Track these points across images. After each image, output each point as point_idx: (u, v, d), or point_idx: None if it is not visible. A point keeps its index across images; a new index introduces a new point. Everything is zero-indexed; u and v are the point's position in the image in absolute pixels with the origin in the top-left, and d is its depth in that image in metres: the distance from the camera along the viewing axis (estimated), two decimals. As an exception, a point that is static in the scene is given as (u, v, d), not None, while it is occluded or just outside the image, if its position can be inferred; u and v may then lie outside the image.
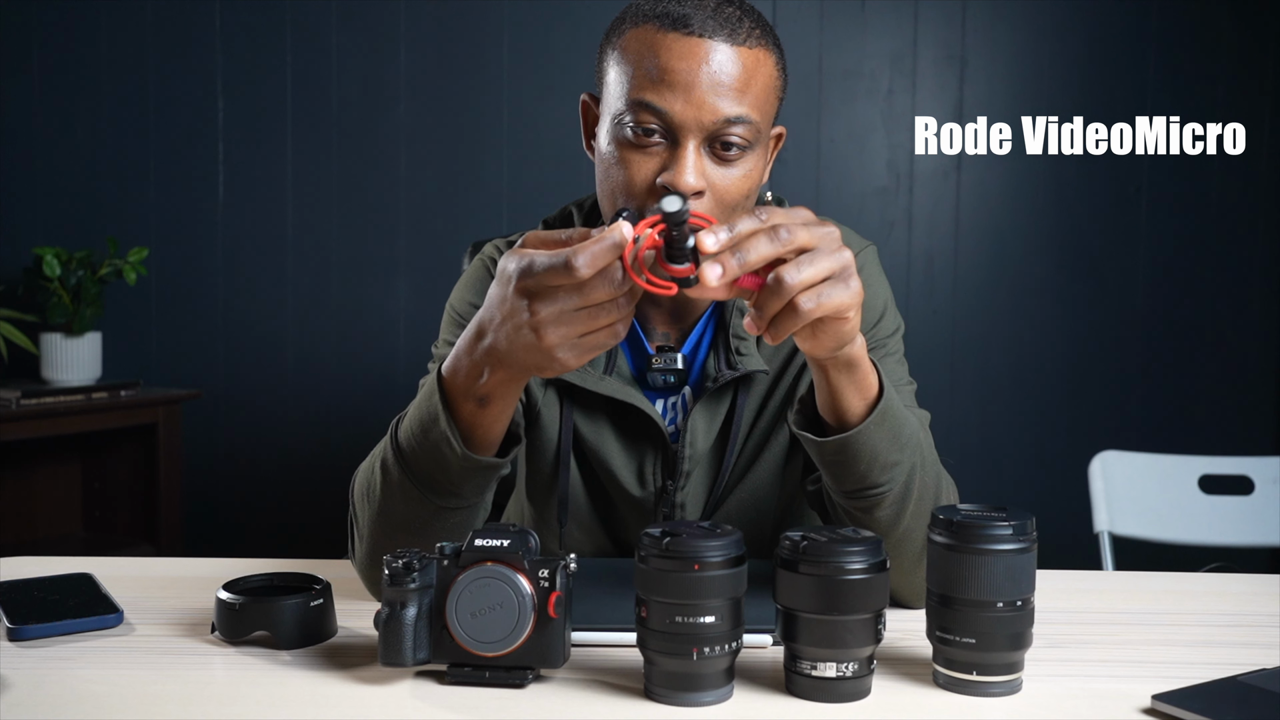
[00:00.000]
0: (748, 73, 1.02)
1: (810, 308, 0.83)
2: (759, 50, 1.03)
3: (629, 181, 1.04)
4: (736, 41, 1.01)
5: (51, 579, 1.07)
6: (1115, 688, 0.86)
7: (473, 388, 0.93)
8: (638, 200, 1.04)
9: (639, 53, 1.03)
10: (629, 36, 1.04)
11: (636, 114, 1.02)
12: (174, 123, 2.84)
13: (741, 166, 1.04)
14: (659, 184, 1.02)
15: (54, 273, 2.58)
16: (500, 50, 2.81)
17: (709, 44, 1.01)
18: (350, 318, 2.86)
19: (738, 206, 1.05)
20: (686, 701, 0.82)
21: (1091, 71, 2.80)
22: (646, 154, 1.03)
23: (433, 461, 0.96)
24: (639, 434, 1.18)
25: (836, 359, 0.92)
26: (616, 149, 1.05)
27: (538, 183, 2.80)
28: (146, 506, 2.69)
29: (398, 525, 1.01)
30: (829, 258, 0.84)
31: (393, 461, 0.99)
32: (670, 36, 1.01)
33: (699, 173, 1.02)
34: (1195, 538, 1.95)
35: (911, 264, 2.81)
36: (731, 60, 1.01)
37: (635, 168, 1.04)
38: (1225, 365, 2.84)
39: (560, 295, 0.84)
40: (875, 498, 0.97)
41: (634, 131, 1.03)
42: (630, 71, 1.03)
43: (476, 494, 0.99)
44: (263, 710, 0.82)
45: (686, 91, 1.00)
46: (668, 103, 1.01)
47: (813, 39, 2.80)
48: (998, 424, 2.84)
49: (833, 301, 0.84)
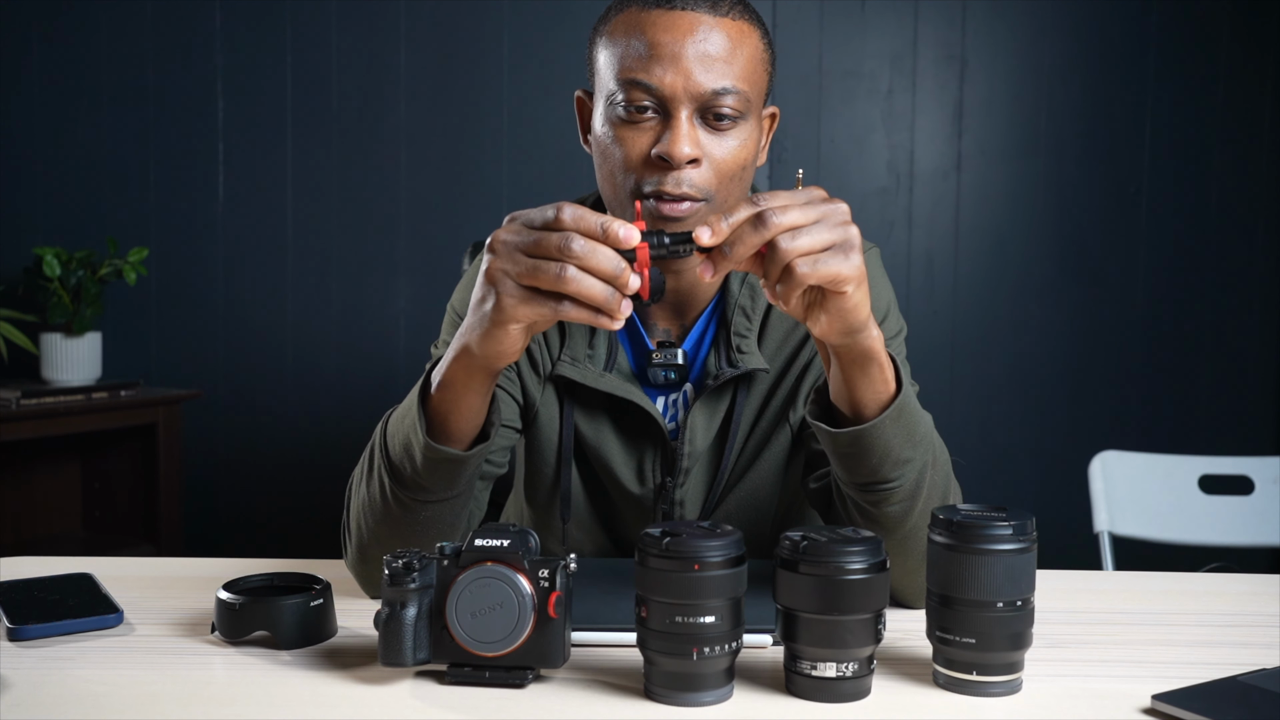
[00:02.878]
0: (733, 43, 1.04)
1: (805, 272, 0.84)
2: (742, 22, 1.05)
3: (625, 157, 1.06)
4: (719, 13, 1.04)
5: (51, 579, 1.07)
6: (1115, 688, 0.86)
7: (442, 373, 0.96)
8: (636, 175, 1.06)
9: (625, 34, 1.05)
10: (615, 22, 1.07)
11: (628, 92, 1.04)
12: (174, 123, 2.84)
13: (736, 136, 1.06)
14: (654, 155, 1.04)
15: (54, 273, 2.58)
16: (500, 50, 2.81)
17: (692, 15, 1.03)
18: (350, 318, 2.86)
19: (735, 177, 1.06)
20: (686, 701, 0.82)
21: (1091, 71, 2.80)
22: (640, 129, 1.05)
23: (403, 449, 0.98)
24: (638, 431, 1.18)
25: (850, 349, 0.92)
26: (611, 129, 1.07)
27: (538, 183, 2.80)
28: (146, 506, 2.69)
29: (378, 517, 1.02)
30: (830, 229, 0.85)
31: (378, 449, 1.02)
32: (654, 14, 1.04)
33: (693, 141, 1.03)
34: (1195, 538, 1.95)
35: (911, 264, 2.81)
36: (716, 31, 1.03)
37: (630, 144, 1.05)
38: (1225, 365, 2.84)
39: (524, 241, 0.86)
40: (885, 492, 0.97)
41: (626, 109, 1.05)
42: (619, 53, 1.05)
43: (443, 488, 1.00)
44: (263, 710, 0.82)
45: (674, 63, 1.02)
46: (656, 77, 1.03)
47: (813, 39, 2.80)
48: (998, 424, 2.85)
49: (829, 269, 0.85)
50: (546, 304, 0.86)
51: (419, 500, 1.00)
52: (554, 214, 0.85)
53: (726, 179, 1.06)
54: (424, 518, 1.01)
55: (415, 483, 0.99)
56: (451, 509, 1.03)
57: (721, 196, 1.06)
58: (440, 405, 0.97)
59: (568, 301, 0.85)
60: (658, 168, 1.04)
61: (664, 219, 1.04)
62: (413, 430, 0.97)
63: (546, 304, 0.86)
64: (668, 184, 1.03)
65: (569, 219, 0.84)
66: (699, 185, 1.04)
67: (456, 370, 0.95)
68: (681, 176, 1.03)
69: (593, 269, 0.84)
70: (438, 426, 0.98)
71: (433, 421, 0.98)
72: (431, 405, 0.97)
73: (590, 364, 1.16)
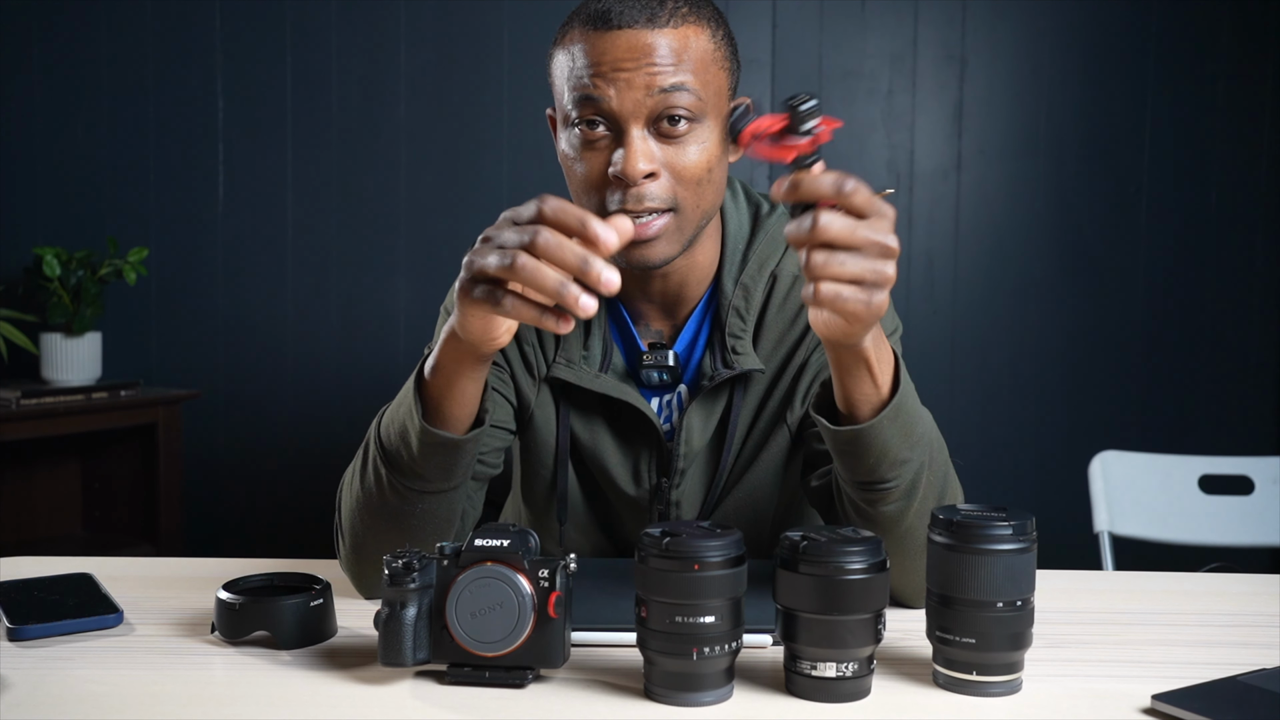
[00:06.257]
0: (676, 50, 1.04)
1: (829, 296, 0.84)
2: (686, 27, 1.05)
3: (586, 177, 1.07)
4: (658, 25, 1.04)
5: (51, 579, 1.07)
6: (1115, 688, 0.86)
7: (435, 358, 0.97)
8: (598, 194, 1.06)
9: (571, 57, 1.06)
10: (562, 45, 1.08)
11: (579, 110, 1.05)
12: (174, 123, 2.84)
13: (694, 141, 1.06)
14: (610, 174, 1.05)
15: (54, 273, 2.58)
16: (500, 50, 2.82)
17: (629, 33, 1.03)
18: (350, 318, 2.86)
19: (700, 182, 1.06)
20: (686, 701, 0.82)
21: (1091, 71, 2.80)
22: (596, 150, 1.06)
23: (400, 437, 0.99)
24: (634, 432, 1.18)
25: (852, 350, 0.92)
26: (572, 151, 1.08)
27: (538, 183, 2.79)
28: (146, 506, 2.69)
29: (374, 512, 1.03)
30: (864, 261, 0.84)
31: (373, 440, 1.03)
32: (594, 35, 1.04)
33: (647, 156, 1.04)
34: (1195, 538, 1.95)
35: (911, 264, 2.81)
36: (655, 42, 1.03)
37: (589, 164, 1.06)
38: (1225, 365, 2.84)
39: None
40: (883, 491, 0.98)
41: (580, 129, 1.06)
42: (565, 76, 1.07)
43: (440, 477, 1.00)
44: (263, 710, 0.82)
45: (616, 81, 1.03)
46: (601, 93, 1.03)
47: (813, 39, 2.80)
48: (998, 424, 2.84)
49: (848, 307, 0.85)
50: (494, 295, 0.86)
51: (415, 490, 1.01)
52: (535, 205, 0.85)
53: (691, 185, 1.06)
54: (420, 510, 1.02)
55: (412, 470, 1.00)
56: (447, 502, 1.03)
57: (690, 203, 1.07)
58: (434, 389, 0.98)
59: (510, 296, 0.85)
60: (617, 185, 1.05)
61: (633, 243, 1.04)
62: (409, 416, 0.98)
63: (494, 295, 0.86)
64: (629, 201, 1.04)
65: (549, 210, 0.84)
66: (660, 197, 1.05)
67: (447, 353, 0.96)
68: (642, 192, 1.04)
69: (556, 260, 0.83)
70: (433, 411, 0.98)
71: (428, 407, 0.99)
72: (426, 390, 0.98)
73: (585, 365, 1.16)
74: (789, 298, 1.17)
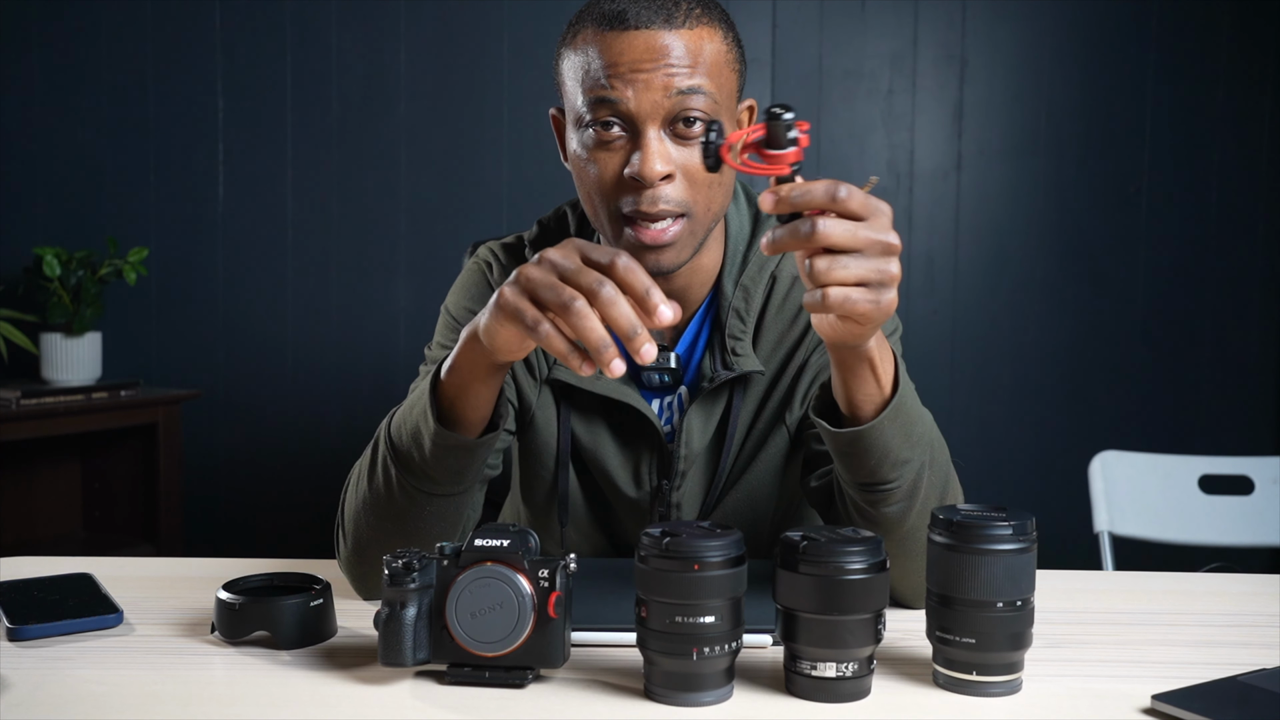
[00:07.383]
0: (692, 52, 1.03)
1: (837, 300, 0.83)
2: (700, 29, 1.04)
3: (599, 179, 1.06)
4: (675, 25, 1.03)
5: (51, 579, 1.07)
6: (1115, 688, 0.86)
7: (453, 358, 0.96)
8: (612, 196, 1.06)
9: (585, 57, 1.05)
10: (573, 45, 1.07)
11: (594, 112, 1.04)
12: (174, 123, 2.84)
13: None
14: (626, 175, 1.04)
15: (54, 273, 2.58)
16: (500, 50, 2.82)
17: (647, 33, 1.02)
18: (350, 318, 2.86)
19: (712, 184, 1.06)
20: (686, 701, 0.82)
21: (1091, 72, 2.80)
22: (611, 151, 1.05)
23: (412, 438, 0.99)
24: (634, 433, 1.18)
25: (856, 351, 0.92)
26: (585, 152, 1.07)
27: (538, 183, 2.80)
28: (146, 506, 2.69)
29: (381, 513, 1.03)
30: (867, 261, 0.83)
31: (384, 440, 1.02)
32: (609, 35, 1.03)
33: (664, 158, 1.03)
34: (1195, 538, 1.95)
35: (911, 264, 2.81)
36: (672, 43, 1.03)
37: (603, 166, 1.06)
38: (1225, 365, 2.84)
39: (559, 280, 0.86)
40: (885, 492, 0.98)
41: (595, 130, 1.05)
42: (580, 77, 1.05)
43: (450, 480, 1.00)
44: (263, 710, 0.82)
45: (634, 82, 1.02)
46: (619, 96, 1.03)
47: (813, 39, 2.80)
48: (998, 424, 2.85)
49: (858, 309, 0.84)
50: (537, 320, 0.86)
51: (424, 492, 1.00)
52: (610, 255, 0.85)
53: (704, 187, 1.06)
54: (428, 512, 1.02)
55: (423, 471, 0.99)
56: (455, 506, 1.03)
57: (702, 206, 1.06)
58: (449, 390, 0.97)
59: (550, 326, 0.85)
60: (632, 188, 1.04)
61: (645, 248, 1.05)
62: (422, 417, 0.98)
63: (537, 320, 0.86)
64: (644, 203, 1.04)
65: (621, 266, 0.84)
66: (675, 200, 1.04)
67: (465, 355, 0.95)
68: (657, 194, 1.04)
69: (609, 317, 0.83)
70: (446, 413, 0.98)
71: (442, 408, 0.98)
72: (441, 391, 0.98)
73: (587, 367, 1.16)
74: (788, 299, 1.17)
